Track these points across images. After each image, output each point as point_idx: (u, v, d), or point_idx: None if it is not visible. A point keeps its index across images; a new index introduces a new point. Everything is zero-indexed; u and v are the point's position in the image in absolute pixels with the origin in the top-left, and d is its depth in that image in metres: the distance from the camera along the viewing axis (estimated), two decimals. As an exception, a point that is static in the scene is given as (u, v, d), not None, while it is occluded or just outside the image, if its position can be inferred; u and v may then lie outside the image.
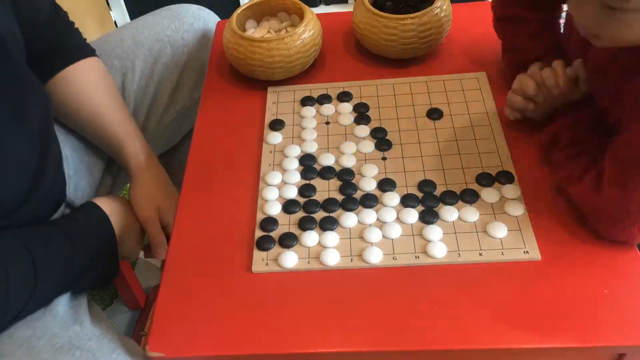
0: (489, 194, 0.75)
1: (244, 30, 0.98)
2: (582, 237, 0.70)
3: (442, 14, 0.91)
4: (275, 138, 0.85)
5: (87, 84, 0.88)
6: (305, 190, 0.78)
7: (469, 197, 0.75)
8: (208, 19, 1.07)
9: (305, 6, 0.95)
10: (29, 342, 0.68)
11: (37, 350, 0.67)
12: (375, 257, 0.70)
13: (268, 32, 0.97)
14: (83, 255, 0.77)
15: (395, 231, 0.72)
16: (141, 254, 0.93)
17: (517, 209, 0.73)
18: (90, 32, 1.61)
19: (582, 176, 0.69)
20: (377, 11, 0.91)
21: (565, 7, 0.79)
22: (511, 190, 0.75)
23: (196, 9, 1.07)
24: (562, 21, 0.85)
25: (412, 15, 0.90)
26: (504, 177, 0.76)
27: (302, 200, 0.77)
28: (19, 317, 0.70)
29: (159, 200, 0.89)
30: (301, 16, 0.94)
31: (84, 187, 0.93)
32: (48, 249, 0.73)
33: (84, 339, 0.70)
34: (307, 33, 0.91)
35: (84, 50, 0.90)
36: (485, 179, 0.76)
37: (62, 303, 0.74)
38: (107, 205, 0.84)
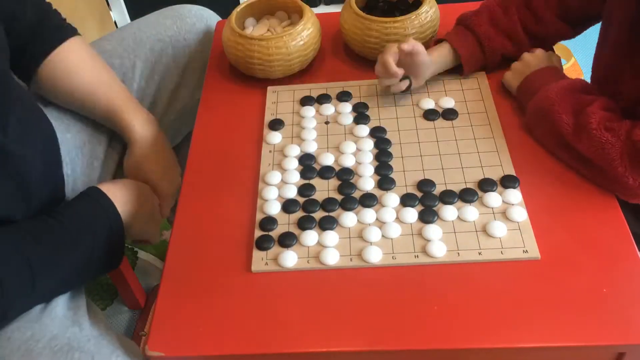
0: (490, 198, 0.74)
1: (244, 28, 0.98)
2: (582, 236, 0.70)
3: (427, 19, 0.91)
4: (274, 138, 0.85)
5: (75, 65, 0.88)
6: (305, 189, 0.78)
7: (469, 196, 0.75)
8: (210, 20, 1.07)
9: (305, 5, 0.95)
10: (27, 344, 0.67)
11: (36, 352, 0.67)
12: (375, 256, 0.70)
13: (267, 30, 0.97)
14: (85, 245, 0.75)
15: (395, 230, 0.72)
16: (142, 254, 0.93)
17: (519, 215, 0.72)
18: (90, 32, 1.61)
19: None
20: (361, 13, 0.91)
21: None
22: (513, 195, 0.74)
23: (199, 9, 1.06)
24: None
25: (395, 18, 0.89)
26: (508, 182, 0.75)
27: (301, 199, 0.77)
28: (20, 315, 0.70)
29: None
30: (300, 15, 0.94)
31: (82, 185, 0.93)
32: (44, 246, 0.72)
33: (82, 340, 0.70)
34: (306, 32, 0.91)
35: (65, 31, 0.89)
36: (489, 184, 0.76)
37: (61, 304, 0.74)
38: (114, 188, 0.82)
